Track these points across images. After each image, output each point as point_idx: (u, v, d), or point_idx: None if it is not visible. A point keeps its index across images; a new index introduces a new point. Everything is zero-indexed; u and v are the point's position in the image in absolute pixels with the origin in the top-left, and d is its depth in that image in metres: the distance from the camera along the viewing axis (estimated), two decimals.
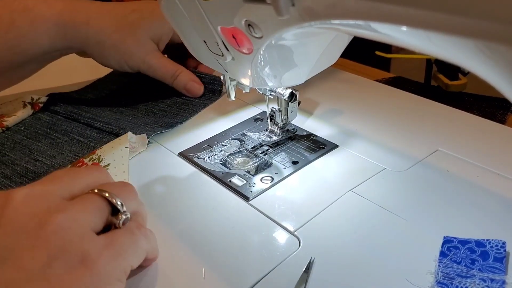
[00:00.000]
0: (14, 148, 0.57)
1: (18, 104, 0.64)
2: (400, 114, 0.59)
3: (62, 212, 0.30)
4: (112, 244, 0.31)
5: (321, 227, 0.42)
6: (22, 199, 0.30)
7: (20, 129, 0.61)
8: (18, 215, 0.29)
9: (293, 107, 0.53)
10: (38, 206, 0.30)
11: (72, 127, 0.61)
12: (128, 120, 0.61)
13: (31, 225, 0.29)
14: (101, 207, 0.33)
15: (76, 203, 0.32)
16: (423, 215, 0.43)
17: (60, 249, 0.29)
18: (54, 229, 0.29)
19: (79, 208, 0.31)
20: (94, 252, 0.30)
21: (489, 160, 0.49)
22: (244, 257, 0.40)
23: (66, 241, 0.29)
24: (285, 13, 0.32)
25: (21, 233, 0.28)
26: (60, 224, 0.29)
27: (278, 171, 0.50)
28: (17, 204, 0.29)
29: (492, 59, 0.23)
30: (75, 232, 0.30)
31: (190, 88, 0.64)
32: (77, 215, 0.30)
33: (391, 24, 0.26)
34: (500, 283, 0.35)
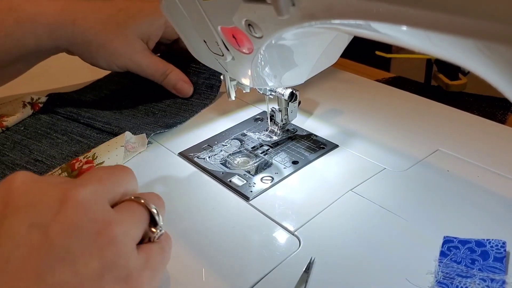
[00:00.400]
0: (14, 148, 0.57)
1: (18, 104, 0.64)
2: (400, 114, 0.59)
3: (120, 224, 0.29)
4: (149, 264, 0.31)
5: (321, 227, 0.42)
6: (81, 200, 0.29)
7: (20, 129, 0.61)
8: (78, 217, 0.28)
9: (293, 107, 0.53)
10: (96, 212, 0.29)
11: (72, 127, 0.61)
12: (127, 120, 0.61)
13: (90, 230, 0.28)
14: (144, 219, 0.33)
15: (127, 213, 0.31)
16: (423, 215, 0.43)
17: (112, 262, 0.28)
18: (111, 240, 0.29)
19: (132, 221, 0.31)
20: (136, 271, 0.30)
21: (489, 160, 0.49)
22: (244, 257, 0.40)
23: (119, 255, 0.29)
24: (285, 13, 0.32)
25: (79, 236, 0.28)
26: (117, 236, 0.29)
27: (278, 171, 0.50)
28: (77, 205, 0.28)
29: (492, 59, 0.23)
30: (127, 247, 0.30)
31: (180, 88, 0.64)
32: (130, 228, 0.30)
33: (391, 24, 0.26)
34: (500, 283, 0.35)
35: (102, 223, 0.29)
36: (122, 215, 0.30)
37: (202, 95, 0.65)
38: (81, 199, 0.29)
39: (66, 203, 0.28)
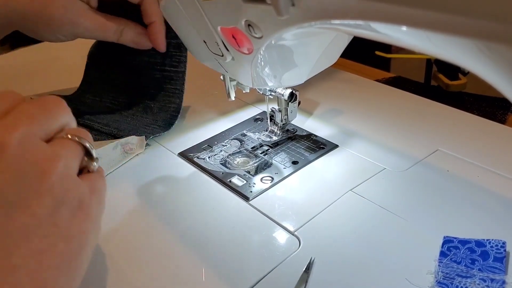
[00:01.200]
0: None
1: None
2: (400, 114, 0.59)
3: (59, 160, 0.30)
4: (95, 189, 0.33)
5: (321, 227, 0.42)
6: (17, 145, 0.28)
7: None
8: (19, 162, 0.28)
9: (293, 107, 0.53)
10: (35, 153, 0.29)
11: None
12: (127, 122, 0.61)
13: (34, 172, 0.28)
14: (79, 153, 0.33)
15: (63, 149, 0.31)
16: (423, 215, 0.43)
17: (63, 195, 0.29)
18: (56, 177, 0.29)
19: (69, 155, 0.32)
20: (85, 198, 0.31)
21: (489, 160, 0.49)
22: (244, 257, 0.40)
23: (67, 188, 0.30)
24: (285, 13, 0.32)
25: (25, 180, 0.28)
26: (61, 172, 0.29)
27: (278, 171, 0.50)
28: (15, 150, 0.28)
29: (492, 59, 0.23)
30: (72, 178, 0.31)
31: (139, 41, 0.59)
32: (69, 161, 0.31)
33: (391, 24, 0.26)
34: (500, 283, 0.35)
35: (43, 163, 0.29)
36: (58, 151, 0.31)
37: (173, 58, 0.61)
38: (17, 144, 0.28)
39: (3, 151, 0.28)
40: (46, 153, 0.30)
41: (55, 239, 0.28)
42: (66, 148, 0.32)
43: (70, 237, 0.29)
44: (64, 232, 0.29)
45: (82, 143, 0.33)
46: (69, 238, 0.29)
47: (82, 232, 0.30)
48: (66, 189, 0.30)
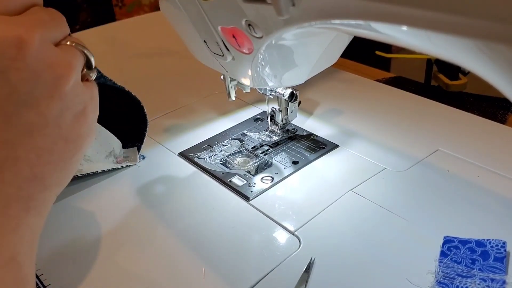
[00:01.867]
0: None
1: None
2: (400, 114, 0.59)
3: (74, 68, 0.32)
4: (93, 97, 0.34)
5: (322, 227, 0.42)
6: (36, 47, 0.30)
7: None
8: (38, 63, 0.29)
9: (293, 107, 0.53)
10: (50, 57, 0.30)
11: None
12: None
13: (50, 76, 0.30)
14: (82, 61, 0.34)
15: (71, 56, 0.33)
16: (423, 215, 0.43)
17: (70, 101, 0.31)
18: (69, 84, 0.31)
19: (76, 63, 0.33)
20: (88, 105, 0.33)
21: (489, 160, 0.49)
22: (244, 257, 0.40)
23: (75, 94, 0.32)
24: (285, 13, 0.32)
25: (40, 82, 0.29)
26: (72, 78, 0.31)
27: (278, 171, 0.50)
28: (35, 50, 0.29)
29: (492, 59, 0.23)
30: (80, 86, 0.32)
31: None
32: (77, 70, 0.33)
33: (391, 24, 0.26)
34: (501, 283, 0.35)
35: (59, 69, 0.30)
36: (71, 59, 0.32)
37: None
38: (36, 45, 0.29)
39: (23, 49, 0.29)
40: (61, 59, 0.31)
41: (56, 139, 0.31)
42: (75, 56, 0.33)
43: (70, 139, 0.32)
44: (65, 133, 0.31)
45: (85, 52, 0.34)
46: (68, 140, 0.32)
47: (79, 135, 0.33)
48: (75, 95, 0.32)
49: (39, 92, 0.29)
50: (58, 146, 0.31)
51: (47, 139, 0.30)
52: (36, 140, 0.30)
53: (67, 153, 0.32)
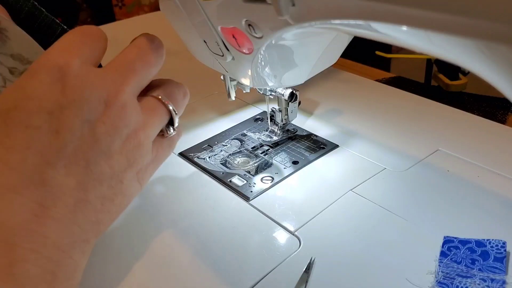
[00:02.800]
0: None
1: None
2: (400, 114, 0.59)
3: (145, 130, 0.33)
4: (157, 158, 0.36)
5: (322, 227, 0.42)
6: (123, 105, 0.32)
7: None
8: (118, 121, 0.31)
9: (294, 107, 0.53)
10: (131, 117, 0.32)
11: None
12: None
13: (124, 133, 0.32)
14: (164, 120, 0.36)
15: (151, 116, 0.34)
16: (423, 215, 0.43)
17: (135, 160, 0.33)
18: (138, 143, 0.33)
19: (155, 124, 0.35)
20: (148, 165, 0.35)
21: (489, 160, 0.49)
22: (244, 257, 0.40)
23: (140, 155, 0.34)
24: (285, 13, 0.32)
25: (117, 137, 0.31)
26: (142, 140, 0.33)
27: (278, 171, 0.50)
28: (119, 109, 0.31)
29: (492, 59, 0.23)
30: (147, 148, 0.34)
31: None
32: (153, 132, 0.35)
33: (391, 24, 0.26)
34: (501, 283, 0.35)
35: (133, 128, 0.32)
36: (147, 118, 0.34)
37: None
38: (123, 103, 0.32)
39: (111, 106, 0.31)
40: (138, 120, 0.33)
41: (117, 191, 0.33)
42: (157, 115, 0.35)
43: (126, 194, 0.34)
44: (124, 188, 0.33)
45: (171, 109, 0.36)
46: (125, 194, 0.33)
47: (132, 193, 0.34)
48: (140, 156, 0.33)
49: (115, 146, 0.31)
50: (117, 198, 0.33)
51: (111, 190, 0.32)
52: (103, 189, 0.31)
53: (121, 206, 0.34)
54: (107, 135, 0.31)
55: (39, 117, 0.29)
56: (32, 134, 0.29)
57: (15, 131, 0.29)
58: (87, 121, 0.30)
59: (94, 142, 0.30)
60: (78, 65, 0.31)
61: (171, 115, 0.36)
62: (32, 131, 0.29)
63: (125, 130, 0.32)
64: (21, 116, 0.29)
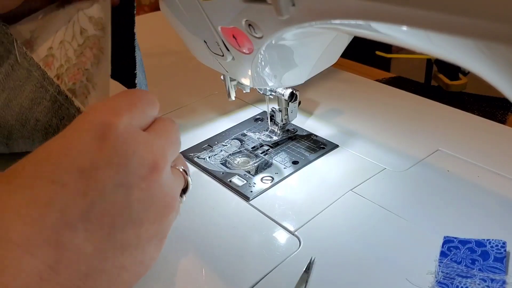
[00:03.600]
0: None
1: None
2: (400, 114, 0.59)
3: (176, 200, 0.33)
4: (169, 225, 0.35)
5: (322, 227, 0.42)
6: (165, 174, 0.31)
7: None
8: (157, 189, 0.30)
9: (294, 107, 0.53)
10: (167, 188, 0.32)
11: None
12: None
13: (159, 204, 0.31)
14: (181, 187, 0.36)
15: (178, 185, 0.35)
16: (423, 215, 0.43)
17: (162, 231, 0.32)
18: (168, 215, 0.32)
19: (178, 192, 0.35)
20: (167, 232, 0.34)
21: (489, 160, 0.49)
22: (244, 257, 0.40)
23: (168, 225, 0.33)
24: (285, 13, 0.32)
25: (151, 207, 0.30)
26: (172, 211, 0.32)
27: (278, 171, 0.50)
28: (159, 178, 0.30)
29: (492, 59, 0.23)
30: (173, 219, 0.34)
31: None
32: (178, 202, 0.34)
33: (391, 24, 0.26)
34: (501, 283, 0.35)
35: (168, 199, 0.32)
36: (176, 187, 0.34)
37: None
38: (167, 171, 0.31)
39: (153, 173, 0.30)
40: (173, 189, 0.33)
41: (137, 261, 0.31)
42: (181, 185, 0.35)
43: (144, 263, 0.32)
44: (144, 258, 0.31)
45: (188, 180, 0.36)
46: (143, 263, 0.31)
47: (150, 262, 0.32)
48: (167, 226, 0.33)
49: (146, 216, 0.30)
50: (134, 268, 0.31)
51: (131, 260, 0.30)
52: (124, 258, 0.30)
53: (135, 276, 0.32)
54: (142, 203, 0.29)
55: (68, 174, 0.27)
56: (56, 191, 0.27)
57: (40, 184, 0.27)
58: (122, 185, 0.28)
59: (125, 209, 0.29)
60: (123, 125, 0.29)
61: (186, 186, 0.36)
62: (57, 188, 0.27)
63: (163, 199, 0.31)
64: (50, 169, 0.27)
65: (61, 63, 0.47)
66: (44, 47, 0.47)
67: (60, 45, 0.47)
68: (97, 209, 0.28)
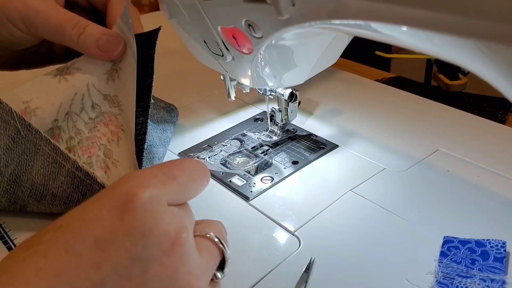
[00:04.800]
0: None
1: None
2: (400, 114, 0.59)
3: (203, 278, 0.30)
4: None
5: (321, 227, 0.42)
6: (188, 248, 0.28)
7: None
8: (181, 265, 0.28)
9: (293, 107, 0.53)
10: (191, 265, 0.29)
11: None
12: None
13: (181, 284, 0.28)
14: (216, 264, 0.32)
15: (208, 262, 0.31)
16: (423, 215, 0.43)
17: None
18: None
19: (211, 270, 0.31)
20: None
21: (489, 160, 0.49)
22: (244, 257, 0.40)
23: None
24: (285, 13, 0.32)
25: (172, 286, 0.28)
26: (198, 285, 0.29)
27: (278, 171, 0.50)
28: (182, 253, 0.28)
29: (492, 59, 0.23)
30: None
31: (105, 44, 0.44)
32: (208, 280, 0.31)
33: (391, 24, 0.26)
34: (500, 283, 0.35)
35: (193, 277, 0.29)
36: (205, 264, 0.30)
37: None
38: (190, 245, 0.28)
39: (176, 247, 0.28)
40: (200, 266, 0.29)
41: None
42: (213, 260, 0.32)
43: None
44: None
45: (224, 253, 0.33)
46: None
47: None
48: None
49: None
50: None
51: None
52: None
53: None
54: (161, 280, 0.27)
55: (84, 244, 0.26)
56: (69, 261, 0.25)
57: (54, 253, 0.26)
58: (139, 259, 0.26)
59: (141, 285, 0.26)
60: (148, 197, 0.27)
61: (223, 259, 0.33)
62: (70, 258, 0.25)
63: (185, 277, 0.28)
64: (66, 237, 0.26)
65: (71, 135, 0.43)
66: (48, 120, 0.43)
67: (66, 116, 0.44)
68: (111, 284, 0.26)
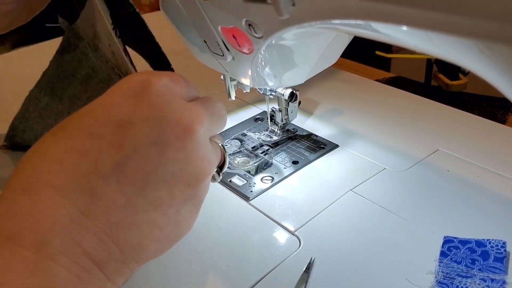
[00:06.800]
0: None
1: None
2: (400, 114, 0.59)
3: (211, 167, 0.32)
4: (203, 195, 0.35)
5: (322, 227, 0.42)
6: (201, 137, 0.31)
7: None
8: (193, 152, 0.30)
9: (294, 107, 0.53)
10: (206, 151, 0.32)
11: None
12: None
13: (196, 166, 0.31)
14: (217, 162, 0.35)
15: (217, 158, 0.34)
16: (423, 215, 0.43)
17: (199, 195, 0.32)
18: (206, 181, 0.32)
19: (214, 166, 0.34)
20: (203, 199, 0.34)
21: (489, 160, 0.49)
22: (244, 257, 0.40)
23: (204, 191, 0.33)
24: (285, 13, 0.32)
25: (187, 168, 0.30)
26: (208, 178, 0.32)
27: (278, 171, 0.50)
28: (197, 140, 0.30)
29: (492, 59, 0.23)
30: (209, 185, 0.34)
31: None
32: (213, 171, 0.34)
33: (391, 24, 0.26)
34: (501, 283, 0.35)
35: (205, 162, 0.31)
36: (213, 155, 0.33)
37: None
38: (200, 136, 0.31)
39: (189, 133, 0.30)
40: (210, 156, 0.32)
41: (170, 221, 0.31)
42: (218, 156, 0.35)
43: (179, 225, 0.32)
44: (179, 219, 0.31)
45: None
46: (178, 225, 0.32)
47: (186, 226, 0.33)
48: (203, 192, 0.33)
49: (181, 176, 0.30)
50: (168, 228, 0.31)
51: (164, 218, 0.30)
52: (156, 215, 0.30)
53: (170, 237, 0.32)
54: (176, 163, 0.30)
55: (105, 127, 0.28)
56: (92, 142, 0.28)
57: (79, 135, 0.28)
58: (156, 142, 0.29)
59: (159, 166, 0.29)
60: (162, 84, 0.30)
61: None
62: (93, 139, 0.28)
63: (199, 162, 0.31)
64: (89, 122, 0.29)
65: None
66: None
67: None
68: (131, 163, 0.28)
